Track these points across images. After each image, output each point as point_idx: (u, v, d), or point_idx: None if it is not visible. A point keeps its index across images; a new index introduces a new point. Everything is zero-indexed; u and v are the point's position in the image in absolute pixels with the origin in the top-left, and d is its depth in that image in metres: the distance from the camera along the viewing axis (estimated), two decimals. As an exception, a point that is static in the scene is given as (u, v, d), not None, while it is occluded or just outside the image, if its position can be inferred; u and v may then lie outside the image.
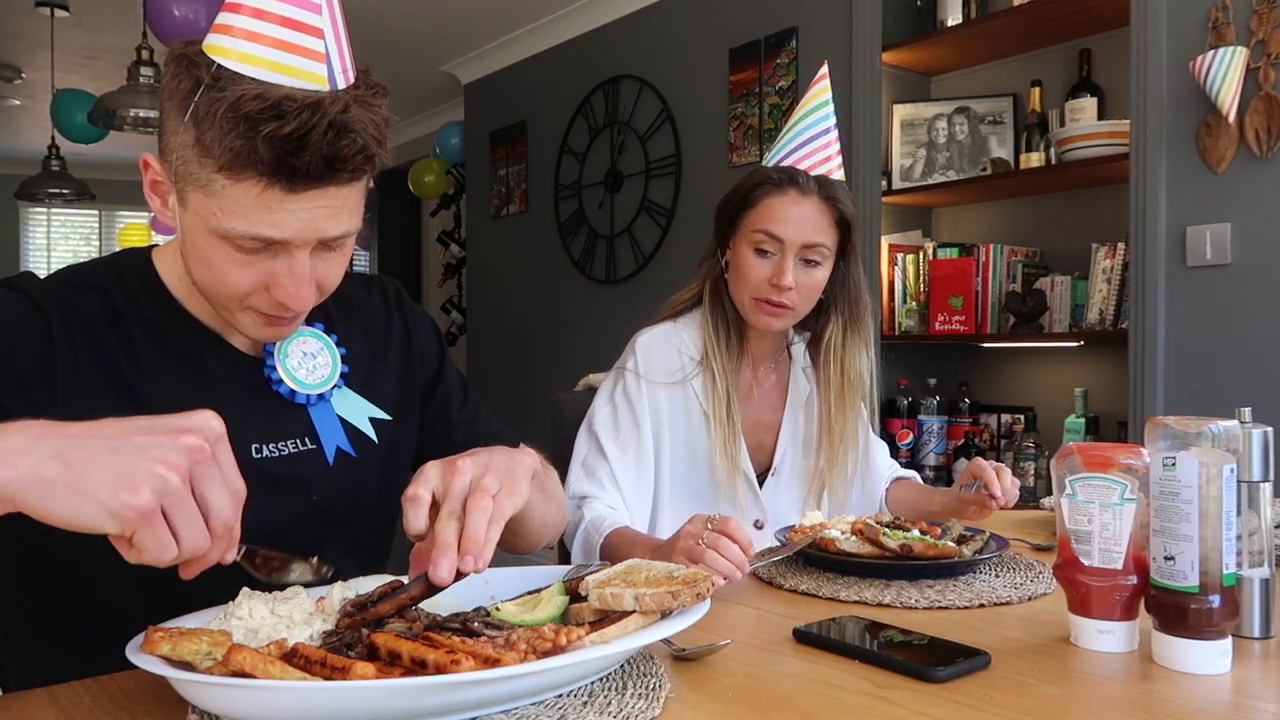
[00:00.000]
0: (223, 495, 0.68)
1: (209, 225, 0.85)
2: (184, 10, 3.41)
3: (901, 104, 3.21)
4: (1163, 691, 0.77)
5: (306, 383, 1.02)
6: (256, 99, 0.80)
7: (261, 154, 0.80)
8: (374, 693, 0.63)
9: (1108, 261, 2.66)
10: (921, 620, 0.97)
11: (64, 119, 4.59)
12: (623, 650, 0.73)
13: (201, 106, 0.82)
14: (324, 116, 0.81)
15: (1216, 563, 0.80)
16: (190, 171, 0.85)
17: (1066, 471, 0.89)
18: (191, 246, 0.89)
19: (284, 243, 0.86)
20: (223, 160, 0.81)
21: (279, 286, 0.88)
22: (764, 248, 1.48)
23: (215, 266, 0.88)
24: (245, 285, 0.88)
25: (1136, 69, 2.48)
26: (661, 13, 4.10)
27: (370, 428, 1.08)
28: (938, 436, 3.06)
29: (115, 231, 8.39)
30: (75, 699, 0.76)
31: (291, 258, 0.87)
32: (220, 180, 0.83)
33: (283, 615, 0.77)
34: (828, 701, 0.75)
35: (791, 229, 1.46)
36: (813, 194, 1.47)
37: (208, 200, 0.84)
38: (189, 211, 0.87)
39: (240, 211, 0.83)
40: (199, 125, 0.82)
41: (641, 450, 1.50)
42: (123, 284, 0.98)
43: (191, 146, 0.84)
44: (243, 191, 0.83)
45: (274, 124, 0.80)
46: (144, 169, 0.92)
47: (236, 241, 0.85)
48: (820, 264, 1.49)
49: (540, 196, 4.83)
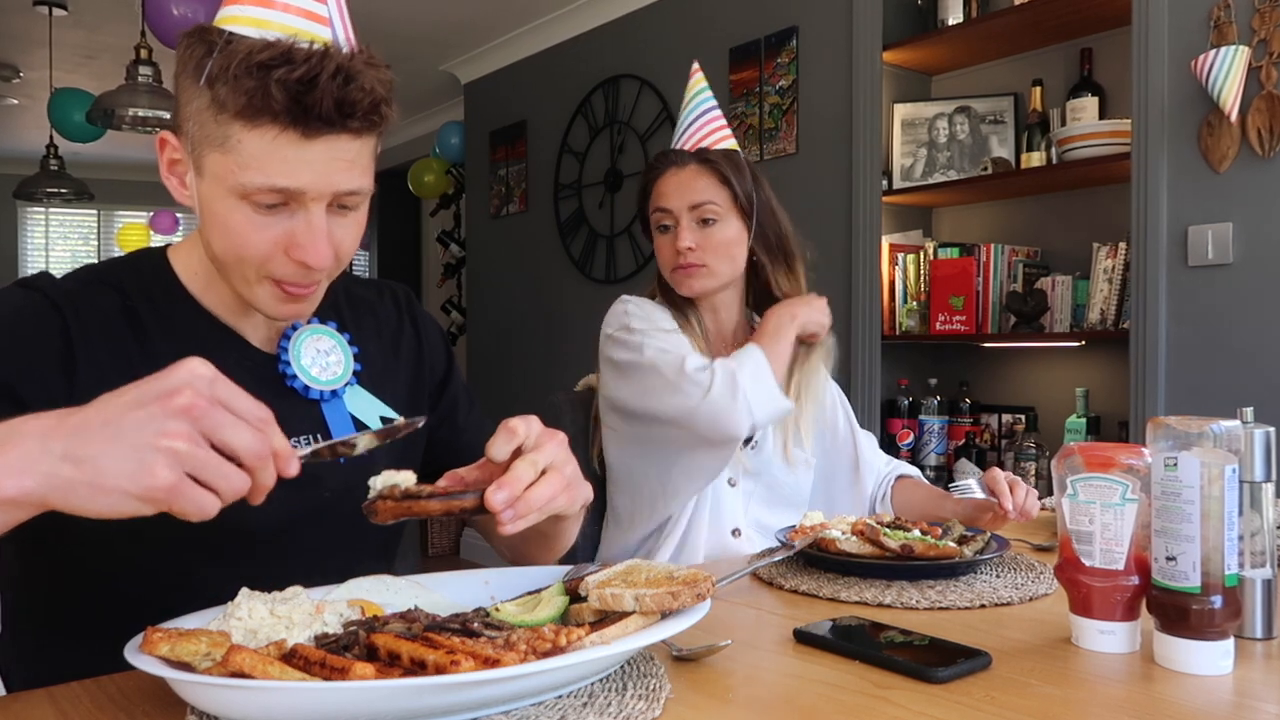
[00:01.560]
0: (241, 433, 0.68)
1: (227, 185, 0.87)
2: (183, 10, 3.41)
3: (902, 103, 3.21)
4: (1164, 692, 0.77)
5: (320, 379, 1.03)
6: (267, 48, 0.84)
7: (275, 97, 0.83)
8: (373, 693, 0.63)
9: (1109, 261, 2.65)
10: (922, 620, 0.97)
11: (61, 118, 4.59)
12: (623, 651, 0.72)
13: (216, 66, 0.85)
14: (332, 61, 0.85)
15: (1218, 563, 0.80)
16: (207, 133, 0.87)
17: (1067, 472, 0.89)
18: (210, 215, 0.91)
19: (299, 194, 0.87)
20: (238, 107, 0.84)
21: (297, 245, 0.89)
22: (663, 223, 1.61)
23: (234, 231, 0.89)
24: (264, 248, 0.89)
25: (1138, 68, 2.48)
26: (661, 13, 4.10)
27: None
28: (938, 436, 3.06)
29: (114, 231, 8.39)
30: (74, 699, 0.76)
31: (308, 212, 0.89)
32: (237, 132, 0.85)
33: (282, 616, 0.77)
34: (828, 702, 0.75)
35: (674, 198, 1.59)
36: (689, 163, 1.60)
37: (225, 158, 0.87)
38: (206, 178, 0.89)
39: (257, 163, 0.86)
40: (214, 84, 0.85)
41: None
42: (139, 281, 0.99)
43: (208, 107, 0.87)
44: (258, 140, 0.85)
45: (285, 68, 0.83)
46: (160, 148, 0.94)
47: (254, 197, 0.87)
48: (716, 221, 1.58)
49: (540, 196, 4.82)
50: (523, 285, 5.00)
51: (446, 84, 5.57)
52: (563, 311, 4.72)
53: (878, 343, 3.08)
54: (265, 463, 0.69)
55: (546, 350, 4.85)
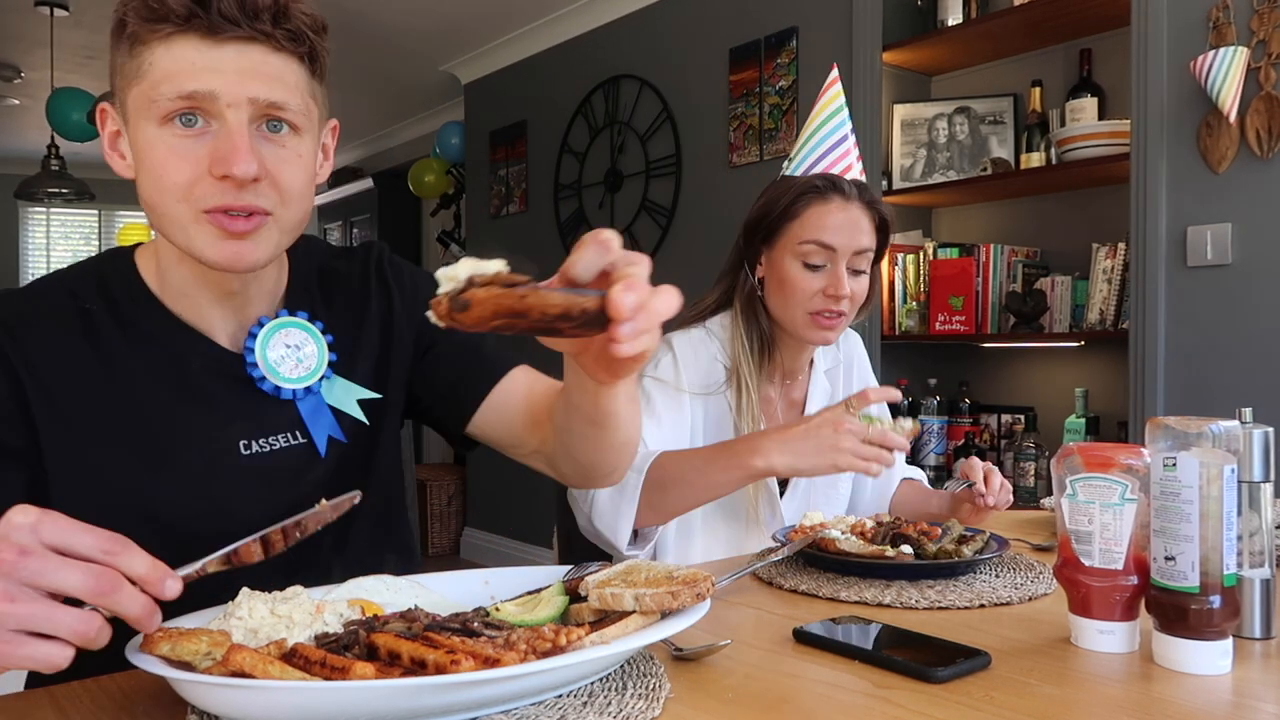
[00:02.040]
0: (70, 574, 0.64)
1: (146, 113, 0.86)
2: (184, 10, 3.41)
3: (902, 104, 3.21)
4: (1163, 692, 0.77)
5: (291, 377, 1.00)
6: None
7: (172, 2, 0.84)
8: (374, 693, 0.63)
9: (1108, 261, 2.66)
10: (922, 620, 0.97)
11: (60, 117, 4.60)
12: (623, 650, 0.72)
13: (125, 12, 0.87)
14: None
15: (1217, 563, 0.80)
16: (128, 73, 0.88)
17: (1067, 471, 0.89)
18: (139, 161, 0.89)
19: (212, 99, 0.85)
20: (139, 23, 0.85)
21: (218, 159, 0.85)
22: (813, 260, 1.44)
23: (157, 162, 0.87)
24: (186, 171, 0.86)
25: (1137, 69, 2.48)
26: (661, 13, 4.10)
27: (359, 411, 1.06)
28: (938, 436, 3.06)
29: (115, 231, 8.40)
30: (74, 699, 0.76)
31: (225, 123, 0.86)
32: (150, 54, 0.86)
33: (282, 615, 0.77)
34: (828, 701, 0.75)
35: (843, 236, 1.43)
36: (855, 199, 1.45)
37: (141, 86, 0.87)
38: (132, 120, 0.89)
39: (166, 75, 0.85)
40: (125, 31, 0.87)
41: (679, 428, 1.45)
42: (99, 284, 0.97)
43: (124, 49, 0.88)
44: (165, 51, 0.85)
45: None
46: (101, 124, 0.94)
47: (170, 113, 0.85)
48: (865, 270, 1.47)
49: (540, 196, 4.82)
50: (523, 285, 4.99)
51: (446, 84, 5.58)
52: (563, 312, 4.71)
53: (877, 343, 3.09)
54: (111, 596, 0.65)
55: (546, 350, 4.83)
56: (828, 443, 1.24)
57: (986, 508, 1.37)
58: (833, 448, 1.24)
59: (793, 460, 1.26)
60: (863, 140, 3.16)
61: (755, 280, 1.52)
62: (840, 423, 1.24)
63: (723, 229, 3.75)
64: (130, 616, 0.66)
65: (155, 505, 0.78)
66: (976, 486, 1.36)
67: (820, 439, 1.24)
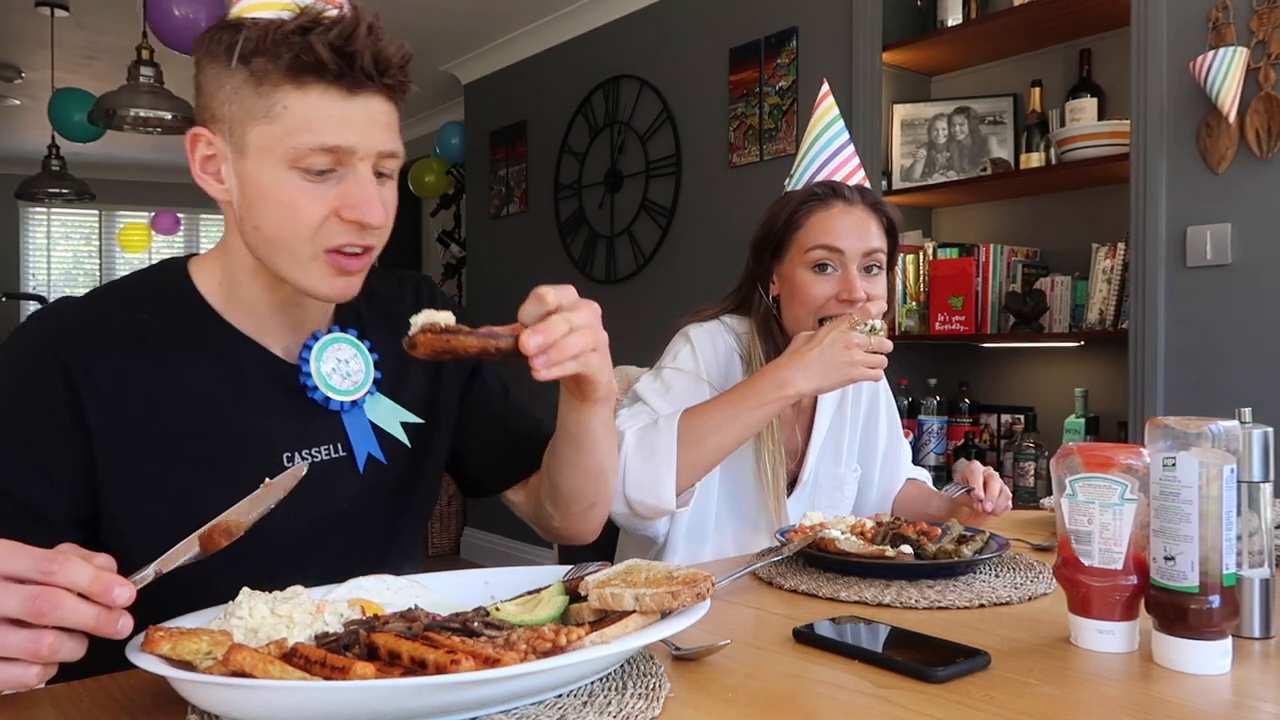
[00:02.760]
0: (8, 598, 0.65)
1: (276, 154, 0.89)
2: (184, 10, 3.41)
3: (901, 104, 3.21)
4: (1163, 692, 0.77)
5: (341, 389, 1.03)
6: (298, 16, 0.88)
7: (320, 54, 0.87)
8: (374, 693, 0.63)
9: (1108, 261, 2.66)
10: (921, 620, 0.97)
11: (61, 118, 4.59)
12: (623, 650, 0.73)
13: (247, 45, 0.88)
14: (362, 21, 0.89)
15: (1216, 563, 0.80)
16: (249, 108, 0.90)
17: (1066, 471, 0.89)
18: (257, 195, 0.91)
19: (350, 153, 0.90)
20: (283, 70, 0.87)
21: (350, 205, 0.91)
22: (824, 263, 1.44)
23: (285, 202, 0.90)
24: (317, 214, 0.91)
25: (1137, 69, 2.48)
26: (661, 13, 4.10)
27: (402, 432, 1.08)
28: (938, 436, 3.06)
29: (115, 231, 8.39)
30: (75, 698, 0.76)
31: (356, 173, 0.91)
32: (282, 97, 0.88)
33: (283, 615, 0.77)
34: (828, 701, 0.75)
35: (850, 238, 1.43)
36: (858, 202, 1.46)
37: (271, 127, 0.89)
38: (251, 155, 0.90)
39: (307, 124, 0.88)
40: (249, 61, 0.88)
41: None
42: (155, 296, 0.99)
43: (246, 83, 0.89)
44: (305, 99, 0.88)
45: (320, 28, 0.87)
46: (191, 146, 0.95)
47: (306, 161, 0.89)
48: (880, 272, 1.47)
49: (540, 196, 4.82)
50: (523, 285, 4.97)
51: (446, 84, 5.58)
52: (563, 312, 4.71)
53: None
54: (53, 615, 0.65)
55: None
56: (843, 359, 1.31)
57: (985, 514, 1.37)
58: (848, 363, 1.31)
59: (816, 381, 1.32)
60: (863, 140, 3.16)
61: (770, 299, 1.53)
62: (849, 339, 1.31)
63: (723, 229, 3.75)
64: (84, 627, 0.67)
65: (204, 513, 0.78)
66: (975, 492, 1.36)
67: (835, 356, 1.31)
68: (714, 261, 3.77)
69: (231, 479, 0.91)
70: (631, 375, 1.68)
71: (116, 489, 0.93)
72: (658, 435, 1.33)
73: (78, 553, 0.70)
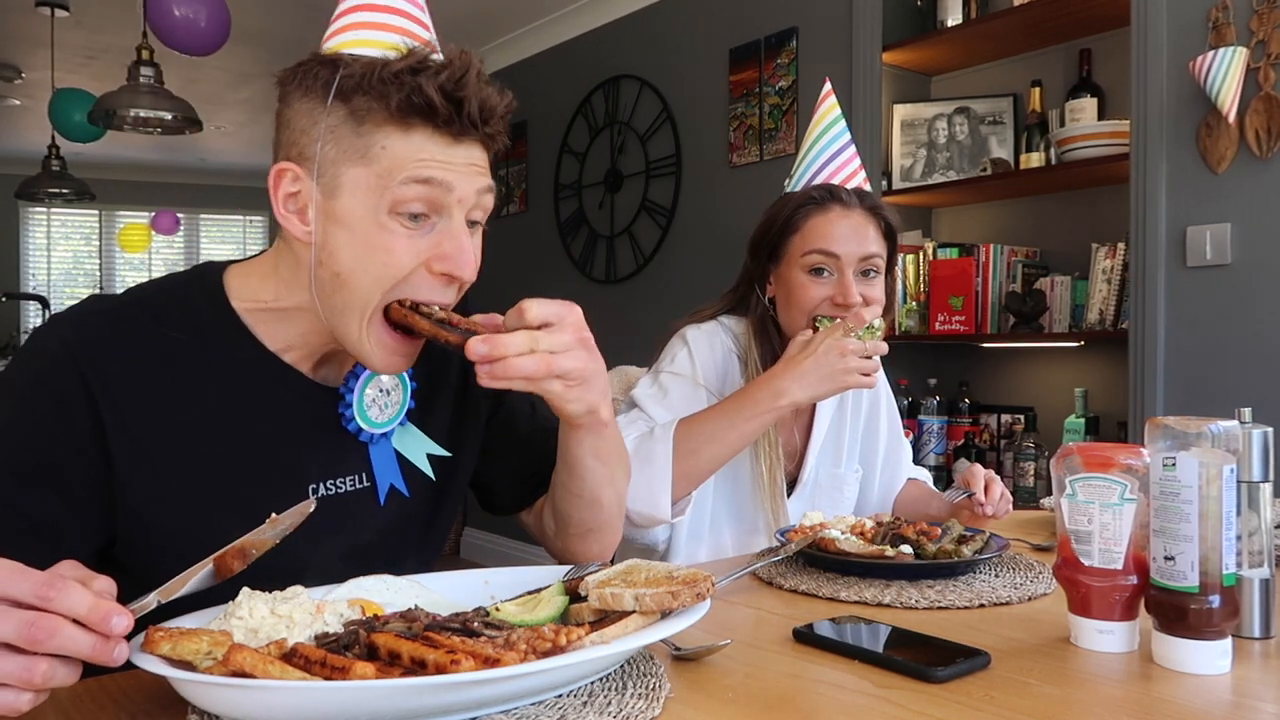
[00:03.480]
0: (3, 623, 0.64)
1: (375, 196, 0.86)
2: (184, 10, 3.41)
3: (901, 104, 3.21)
4: (1163, 692, 0.77)
5: (376, 421, 1.00)
6: (406, 56, 0.86)
7: (431, 96, 0.84)
8: (374, 693, 0.63)
9: (1108, 261, 2.66)
10: (921, 620, 0.97)
11: (61, 118, 4.60)
12: (623, 650, 0.73)
13: (348, 83, 0.85)
14: (471, 65, 0.87)
15: (1216, 563, 0.80)
16: (345, 148, 0.86)
17: (1066, 471, 0.89)
18: (347, 241, 0.87)
19: (448, 190, 0.87)
20: (389, 111, 0.85)
21: (443, 256, 0.88)
22: (820, 267, 1.44)
23: (379, 246, 0.87)
24: (408, 262, 0.88)
25: (1137, 69, 2.48)
26: (661, 13, 4.10)
27: (428, 465, 1.06)
28: (938, 436, 3.06)
29: (115, 231, 8.40)
30: (75, 698, 0.76)
31: (451, 222, 0.89)
32: (384, 138, 0.86)
33: (283, 615, 0.77)
34: (828, 701, 0.75)
35: (847, 243, 1.43)
36: (856, 206, 1.46)
37: (368, 170, 0.86)
38: (344, 196, 0.87)
39: (406, 164, 0.86)
40: (349, 99, 0.86)
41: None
42: (186, 311, 0.95)
43: (344, 122, 0.86)
44: (410, 142, 0.86)
45: (430, 70, 0.85)
46: (275, 182, 0.90)
47: (405, 204, 0.86)
48: (878, 276, 1.46)
49: (540, 196, 4.83)
50: (523, 285, 5.00)
51: (446, 84, 5.58)
52: (563, 312, 4.71)
53: (877, 343, 3.08)
54: (49, 642, 0.64)
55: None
56: (838, 366, 1.32)
57: (986, 517, 1.37)
58: (843, 370, 1.32)
59: (811, 390, 1.33)
60: (863, 141, 3.16)
61: (766, 300, 1.53)
62: (844, 347, 1.32)
63: (723, 229, 3.75)
64: (79, 656, 0.66)
65: (224, 538, 0.77)
66: (976, 496, 1.36)
67: (830, 364, 1.32)
68: (714, 261, 3.77)
69: (254, 505, 0.88)
70: (631, 376, 1.68)
71: (135, 513, 0.90)
72: (654, 445, 1.33)
73: (78, 575, 0.68)
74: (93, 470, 0.88)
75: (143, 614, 0.70)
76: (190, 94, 4.57)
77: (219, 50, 3.68)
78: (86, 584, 0.67)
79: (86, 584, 0.67)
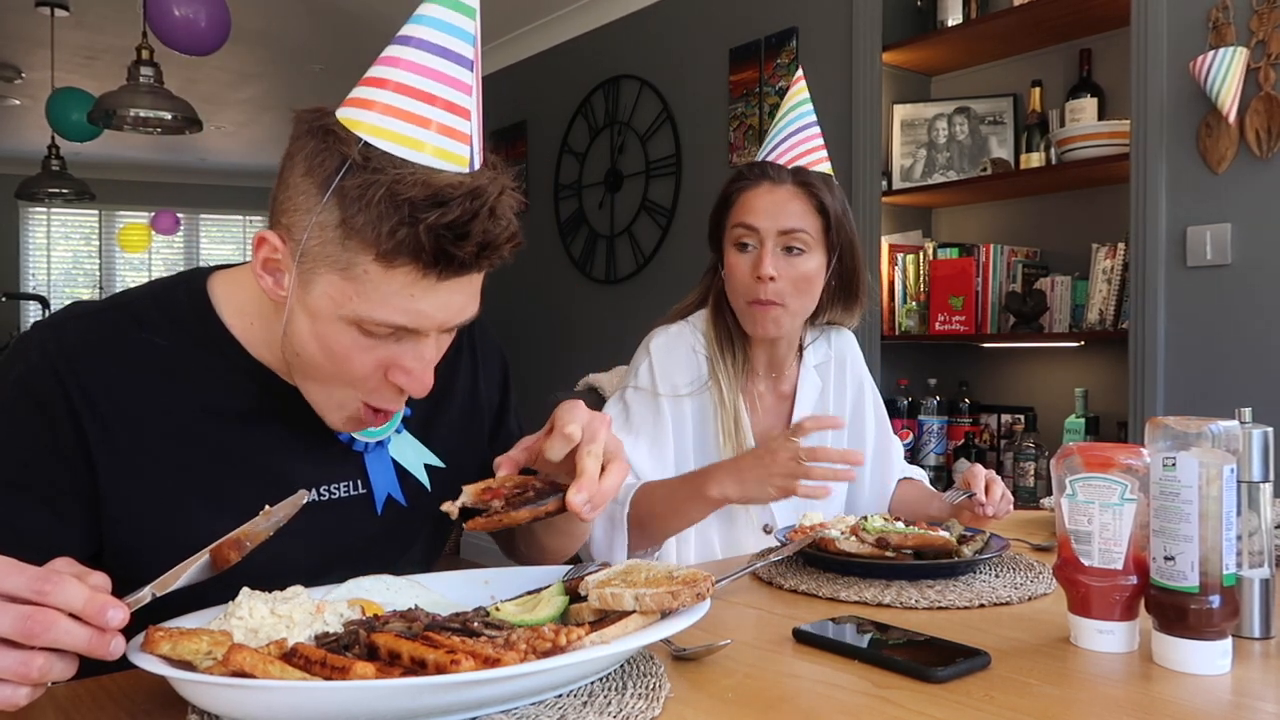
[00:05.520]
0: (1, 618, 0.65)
1: (340, 310, 0.82)
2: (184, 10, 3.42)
3: (901, 104, 3.21)
4: (1163, 692, 0.77)
5: (368, 430, 0.98)
6: (419, 185, 0.78)
7: (423, 243, 0.78)
8: (374, 693, 0.63)
9: (1108, 262, 2.66)
10: (921, 620, 0.97)
11: (59, 117, 4.60)
12: (623, 650, 0.73)
13: (351, 188, 0.79)
14: (485, 204, 0.79)
15: (1216, 563, 0.80)
16: (328, 253, 0.81)
17: (1066, 472, 0.89)
18: (309, 329, 0.85)
19: (416, 333, 0.84)
20: (379, 246, 0.79)
21: (402, 372, 0.86)
22: (744, 240, 1.47)
23: (336, 352, 0.85)
24: (364, 370, 0.86)
25: (1137, 69, 2.48)
26: (661, 13, 4.10)
27: (425, 475, 1.05)
28: (938, 436, 3.06)
29: (115, 231, 8.40)
30: (75, 698, 0.76)
31: (418, 344, 0.86)
32: (367, 265, 0.80)
33: (283, 615, 0.77)
34: (828, 701, 0.75)
35: (765, 218, 1.45)
36: (786, 183, 1.47)
37: (345, 284, 0.82)
38: (314, 294, 0.84)
39: (381, 299, 0.81)
40: (346, 207, 0.79)
41: (660, 438, 1.47)
42: (170, 318, 0.93)
43: (334, 227, 0.80)
44: (391, 280, 0.80)
45: (437, 211, 0.78)
46: (257, 247, 0.87)
47: (368, 327, 0.83)
48: (805, 252, 1.46)
49: (540, 196, 4.83)
50: (523, 285, 5.00)
51: (446, 84, 5.57)
52: (563, 311, 4.72)
53: (877, 343, 3.09)
54: (45, 636, 0.64)
55: (547, 350, 4.85)
56: (767, 469, 1.26)
57: (987, 518, 1.37)
58: (775, 475, 1.26)
59: (742, 490, 1.29)
60: (863, 141, 3.17)
61: (722, 274, 1.55)
62: (777, 452, 1.26)
63: (723, 229, 3.75)
64: (75, 649, 0.66)
65: (210, 542, 0.76)
66: (976, 497, 1.36)
67: (764, 468, 1.27)
68: (714, 261, 3.76)
69: (241, 510, 0.87)
70: (594, 383, 1.68)
71: (121, 521, 0.89)
72: (615, 507, 1.37)
73: (72, 571, 0.68)
74: (78, 479, 0.87)
75: (138, 607, 0.70)
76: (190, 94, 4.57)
77: (219, 50, 3.68)
78: (82, 579, 0.67)
79: (82, 579, 0.67)
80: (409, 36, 0.84)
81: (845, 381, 1.64)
